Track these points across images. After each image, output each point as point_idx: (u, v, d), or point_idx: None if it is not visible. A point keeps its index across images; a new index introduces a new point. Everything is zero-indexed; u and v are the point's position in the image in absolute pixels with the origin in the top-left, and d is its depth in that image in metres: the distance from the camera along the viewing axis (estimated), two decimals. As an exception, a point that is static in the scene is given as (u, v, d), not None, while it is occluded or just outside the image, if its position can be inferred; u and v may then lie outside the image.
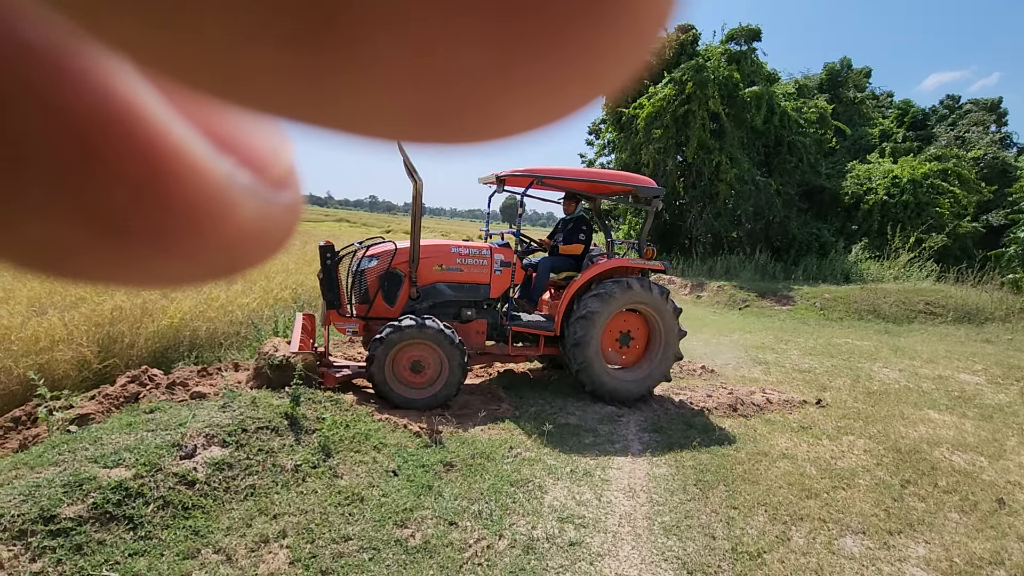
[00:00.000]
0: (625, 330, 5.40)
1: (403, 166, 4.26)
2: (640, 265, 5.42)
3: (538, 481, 3.57)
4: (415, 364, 4.58)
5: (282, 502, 2.88)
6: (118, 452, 2.73)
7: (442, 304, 5.09)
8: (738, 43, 17.06)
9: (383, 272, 4.87)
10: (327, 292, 4.76)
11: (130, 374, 4.32)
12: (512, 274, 5.24)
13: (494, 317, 5.32)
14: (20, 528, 2.13)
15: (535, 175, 4.98)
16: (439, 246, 5.19)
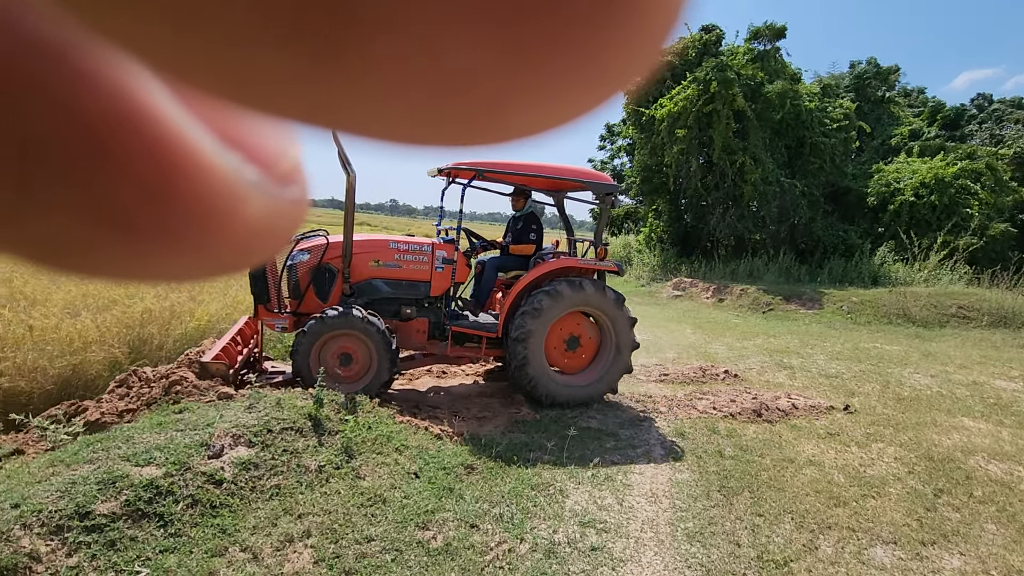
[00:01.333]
0: (575, 334, 5.09)
1: (337, 157, 4.12)
2: (592, 266, 5.13)
3: (559, 485, 3.56)
4: (344, 357, 4.45)
5: (306, 502, 2.92)
6: (149, 451, 2.80)
7: (379, 301, 4.84)
8: (762, 42, 16.83)
9: (314, 266, 4.72)
10: (254, 286, 4.65)
11: (119, 378, 4.17)
12: (453, 271, 4.98)
13: (438, 316, 5.05)
14: (57, 524, 2.19)
15: (476, 168, 4.73)
16: (376, 240, 5.00)
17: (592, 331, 5.17)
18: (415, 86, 0.13)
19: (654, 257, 17.50)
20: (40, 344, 5.19)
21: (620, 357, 5.08)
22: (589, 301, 4.94)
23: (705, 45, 17.59)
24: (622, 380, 6.08)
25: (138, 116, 0.15)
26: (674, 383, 6.16)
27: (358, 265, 4.80)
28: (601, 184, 5.08)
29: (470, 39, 0.13)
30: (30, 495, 2.30)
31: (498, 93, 0.14)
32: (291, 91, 0.14)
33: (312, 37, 0.12)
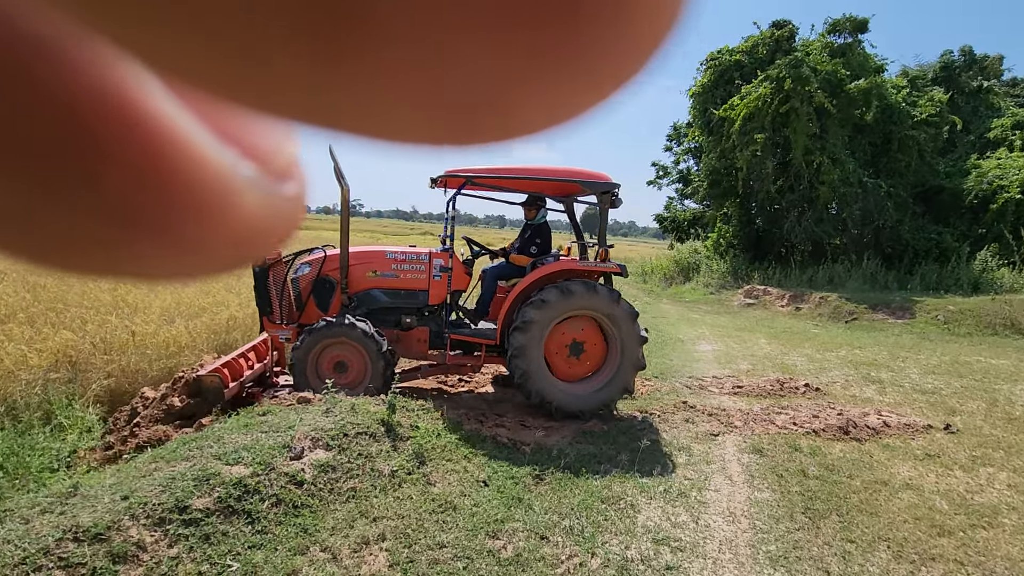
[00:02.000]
0: (578, 340, 4.84)
1: (333, 171, 4.26)
2: (590, 268, 4.88)
3: (630, 499, 3.46)
4: (339, 364, 4.52)
5: (380, 506, 2.99)
6: (237, 451, 2.97)
7: (379, 311, 4.90)
8: (841, 35, 15.86)
9: (314, 279, 4.86)
10: (257, 299, 4.82)
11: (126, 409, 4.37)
12: (449, 280, 4.93)
13: (439, 325, 5.03)
14: (160, 516, 2.37)
15: (466, 175, 4.69)
16: (373, 252, 5.03)
17: (596, 334, 4.90)
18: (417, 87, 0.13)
19: (723, 264, 16.81)
20: (141, 348, 5.67)
21: (627, 356, 4.80)
22: (600, 307, 4.71)
23: (777, 42, 16.85)
24: (693, 392, 5.89)
25: (133, 111, 0.15)
26: (749, 396, 5.86)
27: (356, 276, 4.89)
28: (598, 183, 4.85)
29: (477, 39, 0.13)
30: (137, 488, 2.50)
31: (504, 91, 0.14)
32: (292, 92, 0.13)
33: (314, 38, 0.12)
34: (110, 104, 0.14)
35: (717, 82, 17.39)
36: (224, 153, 0.17)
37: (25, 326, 5.54)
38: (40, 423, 4.26)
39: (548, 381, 4.72)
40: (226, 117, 0.17)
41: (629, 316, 4.74)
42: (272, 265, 4.82)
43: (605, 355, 4.91)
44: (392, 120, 0.14)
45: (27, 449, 3.64)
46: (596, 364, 4.92)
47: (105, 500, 2.38)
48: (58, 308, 6.30)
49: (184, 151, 0.16)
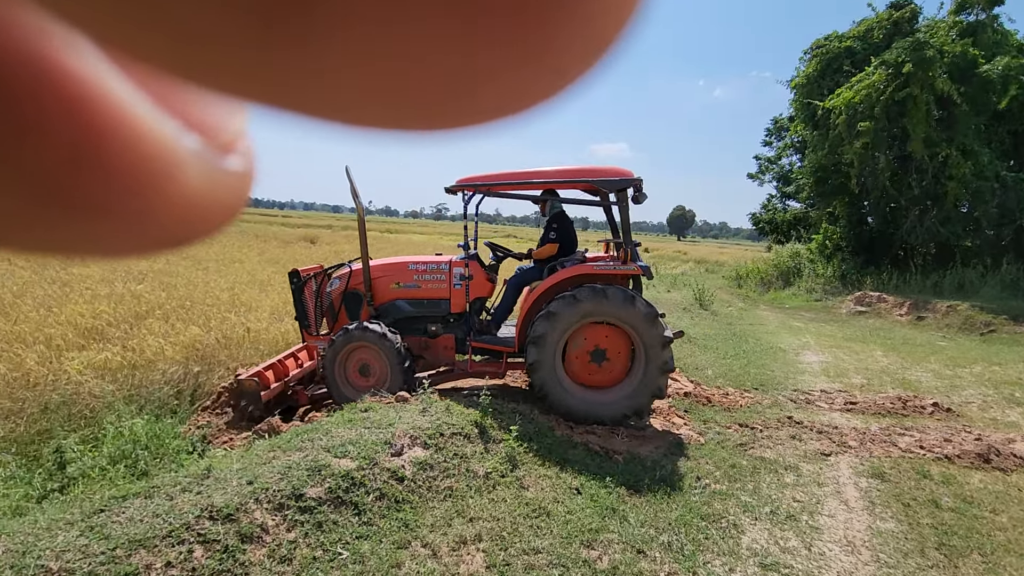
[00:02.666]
0: (600, 346, 4.63)
1: (349, 191, 4.49)
2: (611, 271, 4.66)
3: (732, 519, 3.26)
4: (363, 367, 4.73)
5: (476, 506, 3.04)
6: (344, 444, 3.14)
7: (405, 320, 5.03)
8: (972, 12, 14.10)
9: (343, 292, 5.09)
10: (297, 314, 5.18)
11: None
12: (467, 288, 4.94)
13: (464, 332, 5.05)
14: (279, 502, 2.55)
15: (475, 184, 4.76)
16: (395, 264, 5.17)
17: (619, 339, 4.66)
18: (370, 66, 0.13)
19: (830, 268, 15.47)
20: (254, 344, 6.20)
21: (652, 360, 4.50)
22: (613, 311, 4.47)
23: (895, 24, 15.29)
24: (799, 406, 5.47)
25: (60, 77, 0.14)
26: (865, 414, 5.34)
27: (381, 288, 5.07)
28: (612, 180, 4.64)
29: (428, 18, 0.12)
30: (259, 474, 2.71)
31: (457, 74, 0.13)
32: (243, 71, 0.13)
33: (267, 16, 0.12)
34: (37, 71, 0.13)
35: (824, 71, 16.07)
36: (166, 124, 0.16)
37: (160, 321, 6.25)
38: (173, 409, 4.77)
39: (569, 392, 4.60)
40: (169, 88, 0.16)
41: (647, 317, 4.46)
42: (308, 280, 5.19)
43: (631, 361, 4.71)
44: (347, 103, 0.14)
45: (166, 433, 4.09)
46: (623, 369, 4.72)
47: (233, 483, 2.61)
48: (186, 306, 7.05)
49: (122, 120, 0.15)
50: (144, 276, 8.85)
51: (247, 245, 16.52)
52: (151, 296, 7.30)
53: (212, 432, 4.26)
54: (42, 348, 4.99)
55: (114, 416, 4.20)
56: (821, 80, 16.00)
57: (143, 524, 2.23)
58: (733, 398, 5.64)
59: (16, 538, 2.08)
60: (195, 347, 5.71)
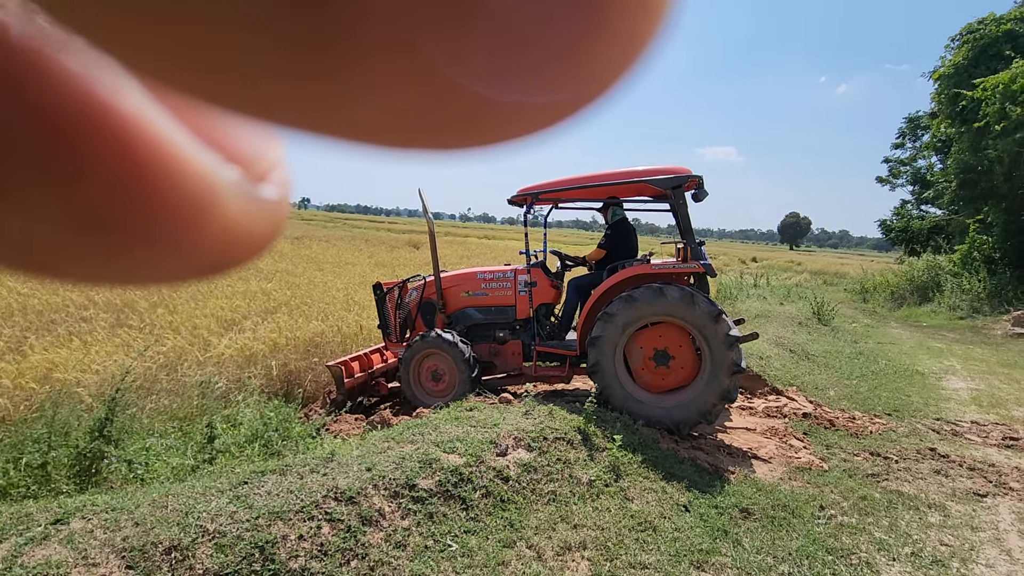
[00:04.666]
0: (663, 347, 4.44)
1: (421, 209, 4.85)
2: (670, 270, 4.52)
3: (865, 556, 2.93)
4: (435, 373, 5.00)
5: (580, 513, 3.00)
6: (452, 441, 3.25)
7: (475, 327, 5.26)
8: None
9: (419, 302, 5.43)
10: (380, 322, 5.62)
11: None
12: (531, 295, 5.04)
13: (530, 338, 5.14)
14: (395, 490, 2.69)
15: (530, 192, 4.86)
16: (465, 274, 5.44)
17: (683, 340, 4.44)
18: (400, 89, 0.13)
19: (978, 282, 13.51)
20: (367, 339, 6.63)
21: (718, 362, 4.22)
22: (673, 311, 4.29)
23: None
24: (943, 438, 4.83)
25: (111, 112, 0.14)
26: (1031, 452, 4.58)
27: (452, 297, 5.34)
28: (667, 179, 4.48)
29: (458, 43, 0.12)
30: (376, 462, 2.88)
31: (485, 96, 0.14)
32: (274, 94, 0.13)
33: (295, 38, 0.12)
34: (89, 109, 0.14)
35: (977, 60, 14.12)
36: (206, 157, 0.17)
37: (286, 316, 6.88)
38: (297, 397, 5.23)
39: (631, 394, 4.45)
40: (208, 121, 0.17)
41: (708, 316, 4.22)
42: (389, 291, 5.62)
43: (699, 361, 4.45)
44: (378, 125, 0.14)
45: (290, 418, 4.49)
46: (691, 371, 4.48)
47: (354, 468, 2.79)
48: (307, 303, 7.70)
49: (166, 156, 0.15)
50: (272, 275, 9.79)
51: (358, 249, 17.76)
52: (278, 294, 8.06)
53: (328, 421, 4.59)
54: (200, 334, 5.70)
55: (250, 400, 4.68)
56: (973, 70, 14.06)
57: (279, 498, 2.45)
58: (861, 423, 5.10)
59: (180, 499, 2.37)
60: (314, 341, 6.22)
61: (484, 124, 0.15)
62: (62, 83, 0.14)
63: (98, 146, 0.15)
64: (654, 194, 4.89)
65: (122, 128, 0.15)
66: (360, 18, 0.12)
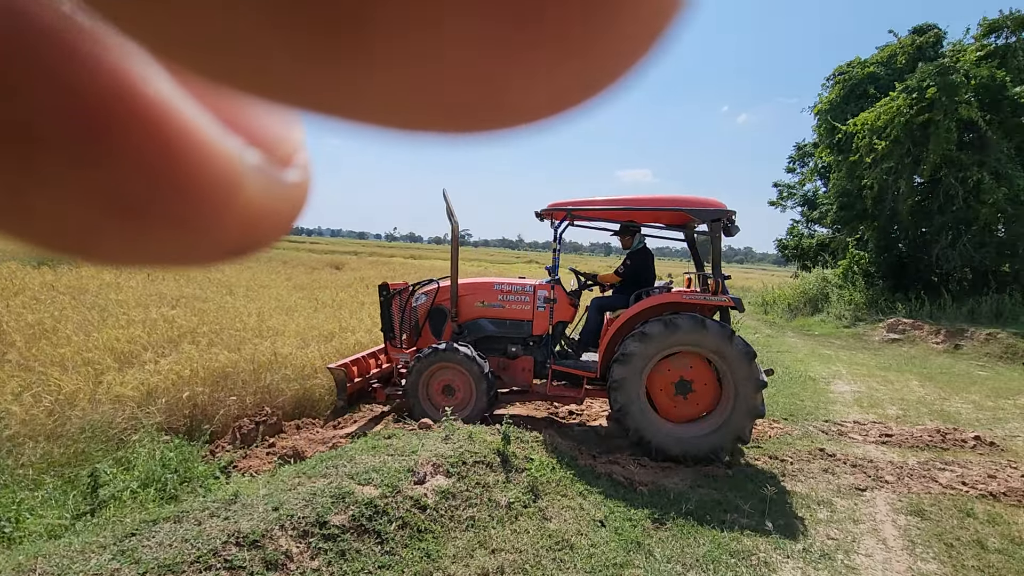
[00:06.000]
0: (685, 378, 4.53)
1: (445, 211, 4.60)
2: (700, 301, 4.56)
3: (763, 556, 3.15)
4: (447, 388, 4.77)
5: (498, 537, 3.00)
6: (367, 472, 3.15)
7: (486, 339, 5.10)
8: (1003, 35, 13.94)
9: (429, 308, 5.22)
10: (383, 326, 5.33)
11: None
12: (551, 311, 4.97)
13: (543, 355, 5.06)
14: (304, 529, 2.57)
15: (567, 208, 4.77)
16: (481, 283, 5.27)
17: (706, 371, 4.55)
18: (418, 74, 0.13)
19: (858, 293, 15.10)
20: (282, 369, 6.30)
21: (741, 399, 4.35)
22: (709, 344, 4.35)
23: (919, 49, 15.22)
24: (831, 438, 5.31)
25: (139, 99, 0.15)
26: (902, 447, 5.14)
27: (465, 306, 5.16)
28: (707, 211, 4.60)
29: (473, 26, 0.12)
30: (284, 500, 2.74)
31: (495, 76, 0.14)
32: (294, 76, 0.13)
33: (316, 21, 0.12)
34: (121, 95, 0.15)
35: (847, 98, 16.01)
36: (231, 141, 0.17)
37: (193, 346, 6.41)
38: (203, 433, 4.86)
39: (648, 418, 4.47)
40: (231, 105, 0.18)
41: (744, 356, 4.32)
42: (397, 294, 5.29)
43: (718, 396, 4.55)
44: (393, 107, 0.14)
45: (193, 457, 4.16)
46: (707, 405, 4.56)
47: (260, 509, 2.63)
48: (216, 330, 7.22)
49: (192, 140, 0.16)
50: (177, 301, 9.11)
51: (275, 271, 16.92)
52: (183, 321, 7.49)
53: (236, 458, 4.31)
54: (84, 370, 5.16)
55: (147, 439, 4.30)
56: (845, 106, 15.92)
57: (172, 549, 2.26)
58: (761, 428, 5.49)
59: (52, 560, 2.13)
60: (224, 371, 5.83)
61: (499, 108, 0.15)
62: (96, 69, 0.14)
63: (130, 130, 0.15)
64: (681, 222, 5.11)
65: (153, 113, 0.15)
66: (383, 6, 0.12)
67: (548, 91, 0.15)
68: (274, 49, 0.13)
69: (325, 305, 10.05)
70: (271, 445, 4.75)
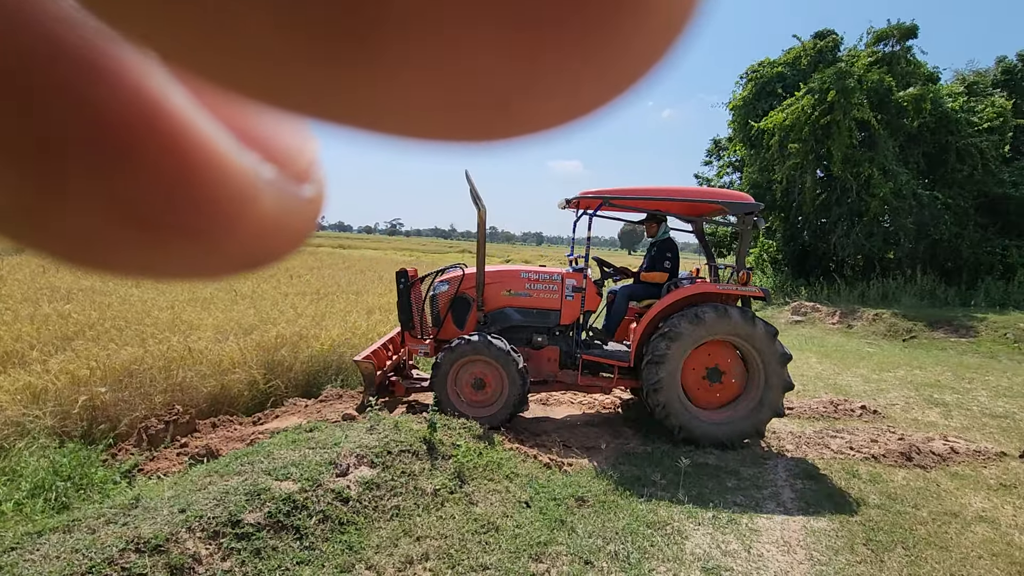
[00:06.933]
0: (713, 365, 4.76)
1: (469, 194, 4.41)
2: (733, 292, 4.75)
3: (677, 525, 3.35)
4: (477, 381, 4.61)
5: (424, 525, 3.00)
6: (286, 466, 3.04)
7: (511, 329, 4.98)
8: (889, 44, 15.36)
9: (452, 296, 5.02)
10: (400, 314, 5.06)
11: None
12: (583, 300, 4.98)
13: (568, 344, 5.06)
14: (214, 529, 2.44)
15: (603, 196, 4.78)
16: (508, 271, 5.18)
17: (734, 358, 4.79)
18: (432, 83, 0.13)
19: (767, 279, 16.32)
20: (195, 365, 5.92)
21: (771, 382, 4.62)
22: (735, 330, 4.57)
23: (820, 53, 16.46)
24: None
25: (157, 114, 0.15)
26: (801, 418, 5.61)
27: (492, 295, 5.00)
28: (741, 204, 4.80)
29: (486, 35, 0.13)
30: (193, 501, 2.59)
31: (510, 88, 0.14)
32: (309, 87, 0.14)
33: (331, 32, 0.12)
34: (135, 106, 0.15)
35: (759, 95, 17.08)
36: (246, 156, 0.17)
37: (91, 343, 5.87)
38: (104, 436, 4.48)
39: (690, 413, 4.62)
40: (247, 118, 0.18)
41: (768, 336, 4.59)
42: (416, 281, 5.08)
43: (745, 379, 4.79)
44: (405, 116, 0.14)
45: (92, 461, 3.83)
46: (738, 389, 4.79)
47: (164, 512, 2.47)
48: (120, 325, 6.66)
49: (205, 153, 0.16)
50: (73, 295, 8.32)
51: (187, 261, 15.74)
52: (80, 316, 6.86)
53: (141, 460, 4.02)
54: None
55: (36, 446, 3.90)
56: (756, 103, 16.97)
57: (60, 561, 2.08)
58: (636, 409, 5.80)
59: (-89, 583, 1.90)
60: (129, 369, 5.39)
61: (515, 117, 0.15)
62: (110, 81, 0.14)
63: (148, 144, 0.15)
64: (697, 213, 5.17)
65: (170, 127, 0.15)
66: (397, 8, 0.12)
67: (564, 99, 0.15)
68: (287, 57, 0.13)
69: (244, 296, 9.52)
70: (183, 445, 4.46)
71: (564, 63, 0.14)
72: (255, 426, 4.93)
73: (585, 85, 0.14)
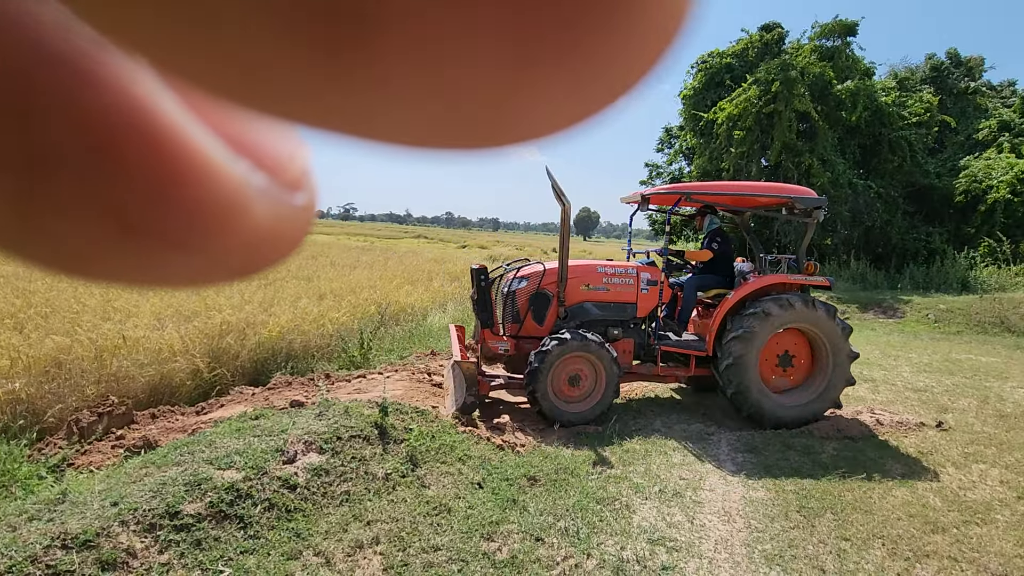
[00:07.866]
0: (785, 351, 5.07)
1: (551, 189, 4.44)
2: (800, 281, 5.06)
3: (625, 500, 3.45)
4: (572, 378, 4.70)
5: (374, 509, 2.97)
6: (230, 455, 2.94)
7: (589, 323, 5.06)
8: (831, 39, 16.03)
9: (533, 292, 5.04)
10: (480, 312, 5.05)
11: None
12: (660, 292, 5.18)
13: (641, 336, 5.22)
14: (150, 522, 2.34)
15: (682, 192, 5.04)
16: (585, 266, 5.26)
17: (804, 345, 5.11)
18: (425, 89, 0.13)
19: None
20: (132, 354, 5.61)
21: (838, 370, 4.95)
22: (800, 319, 4.85)
23: (766, 45, 17.00)
24: (686, 392, 5.91)
25: (146, 121, 0.15)
26: (743, 396, 5.87)
27: (571, 290, 5.08)
28: (807, 199, 5.03)
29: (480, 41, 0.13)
30: (127, 494, 2.47)
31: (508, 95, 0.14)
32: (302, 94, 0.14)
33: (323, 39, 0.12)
34: (123, 114, 0.15)
35: (708, 85, 17.54)
36: (237, 165, 0.17)
37: (13, 332, 5.47)
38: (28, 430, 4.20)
39: (763, 393, 4.83)
40: (239, 127, 0.18)
41: (844, 332, 4.90)
42: (496, 278, 5.11)
43: (811, 368, 5.08)
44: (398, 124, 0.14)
45: (14, 457, 3.59)
46: (801, 376, 5.09)
47: (94, 506, 2.35)
48: (45, 313, 6.23)
49: (198, 161, 0.16)
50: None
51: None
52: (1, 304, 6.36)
53: (71, 454, 3.79)
54: None
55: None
56: (705, 92, 17.43)
57: (-24, 561, 1.94)
58: (629, 389, 5.96)
59: None
60: (57, 359, 5.06)
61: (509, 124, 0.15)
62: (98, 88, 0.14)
63: (138, 151, 0.15)
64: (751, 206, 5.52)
65: (162, 135, 0.15)
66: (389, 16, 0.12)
67: (556, 107, 0.15)
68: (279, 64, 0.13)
69: (184, 282, 9.05)
70: (120, 438, 4.23)
71: (559, 72, 0.14)
72: (198, 416, 4.73)
73: (580, 93, 0.14)
